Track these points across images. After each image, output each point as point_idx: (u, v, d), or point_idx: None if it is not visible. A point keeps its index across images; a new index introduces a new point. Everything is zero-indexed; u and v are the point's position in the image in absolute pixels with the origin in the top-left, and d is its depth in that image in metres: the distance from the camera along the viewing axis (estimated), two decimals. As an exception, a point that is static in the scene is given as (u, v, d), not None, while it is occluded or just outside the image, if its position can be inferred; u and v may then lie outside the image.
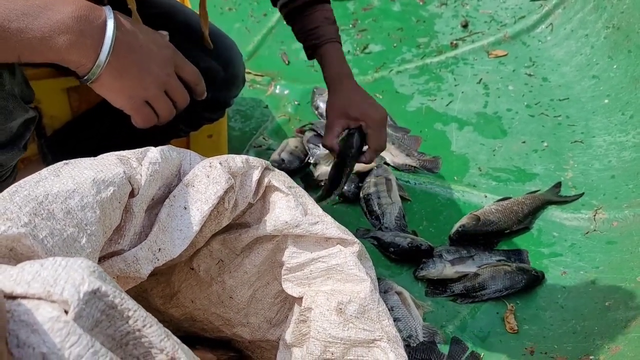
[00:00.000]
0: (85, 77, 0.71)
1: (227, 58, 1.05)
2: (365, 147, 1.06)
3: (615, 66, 1.65)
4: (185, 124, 1.08)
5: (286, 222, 0.76)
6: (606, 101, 1.59)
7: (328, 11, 1.07)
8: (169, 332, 0.54)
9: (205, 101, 0.88)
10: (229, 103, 1.13)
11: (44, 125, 1.02)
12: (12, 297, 0.47)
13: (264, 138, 1.57)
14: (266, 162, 0.79)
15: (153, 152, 0.70)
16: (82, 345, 0.45)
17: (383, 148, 1.06)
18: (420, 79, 1.75)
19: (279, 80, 1.72)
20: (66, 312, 0.47)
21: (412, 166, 1.47)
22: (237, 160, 0.75)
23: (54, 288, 0.47)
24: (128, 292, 0.64)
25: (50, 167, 0.63)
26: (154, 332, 0.52)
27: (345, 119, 1.04)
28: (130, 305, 0.52)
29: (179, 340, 0.55)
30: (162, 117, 0.80)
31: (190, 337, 0.94)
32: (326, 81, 1.07)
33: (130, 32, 0.72)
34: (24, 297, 0.47)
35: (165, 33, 0.82)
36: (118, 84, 0.73)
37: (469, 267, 1.20)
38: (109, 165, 0.66)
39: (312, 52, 1.08)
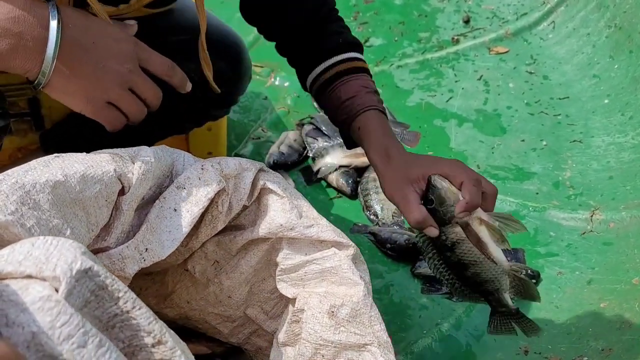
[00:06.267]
0: (35, 82, 0.65)
1: (234, 56, 1.03)
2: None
3: (616, 66, 1.64)
4: (189, 120, 1.06)
5: (281, 224, 0.76)
6: (606, 101, 1.59)
7: (366, 80, 0.86)
8: (157, 317, 0.54)
9: (211, 99, 0.86)
10: (235, 100, 1.11)
11: (42, 116, 1.01)
12: (0, 278, 0.47)
13: (262, 130, 1.57)
14: (260, 163, 0.79)
15: (146, 152, 0.70)
16: (72, 325, 0.45)
17: (478, 181, 0.73)
18: (420, 74, 1.75)
19: (279, 72, 1.71)
20: (57, 291, 0.46)
21: None
22: (230, 163, 0.75)
23: (46, 265, 0.47)
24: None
25: (40, 158, 0.63)
26: (143, 315, 0.53)
27: (411, 184, 0.76)
28: (120, 287, 0.52)
29: (166, 325, 0.55)
30: (132, 117, 0.73)
31: (184, 330, 0.94)
32: (370, 158, 0.81)
33: (81, 28, 0.66)
34: (14, 278, 0.47)
35: (132, 23, 0.75)
36: (72, 86, 0.67)
37: (466, 266, 1.21)
38: (100, 162, 0.66)
39: (347, 129, 0.86)
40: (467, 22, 1.91)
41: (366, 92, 0.85)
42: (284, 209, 0.76)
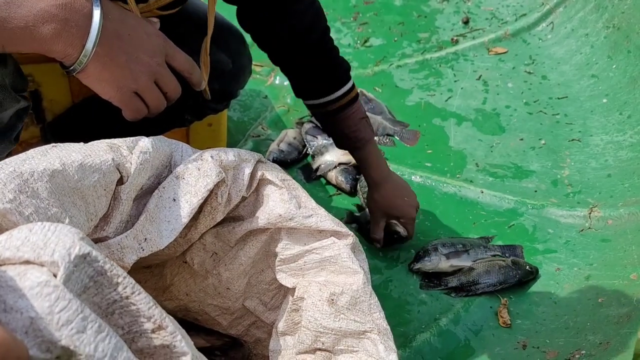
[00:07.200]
0: (71, 68, 0.68)
1: (236, 50, 1.04)
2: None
3: (614, 66, 1.65)
4: (190, 113, 1.07)
5: (280, 215, 0.76)
6: (604, 100, 1.60)
7: (360, 109, 1.09)
8: (156, 303, 0.54)
9: (212, 92, 0.87)
10: (235, 94, 1.12)
11: (43, 109, 1.02)
12: None
13: (262, 128, 1.58)
14: (259, 154, 0.79)
15: (144, 142, 0.70)
16: (71, 310, 0.44)
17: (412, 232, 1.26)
18: (420, 73, 1.76)
19: (279, 71, 1.70)
20: (55, 276, 0.46)
21: (388, 135, 1.53)
22: (229, 154, 0.75)
23: (44, 250, 0.47)
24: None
25: (38, 148, 0.63)
26: (143, 300, 0.52)
27: (388, 217, 1.22)
28: (119, 272, 0.52)
29: (165, 312, 0.55)
30: (152, 108, 0.77)
31: (183, 324, 0.94)
32: (367, 180, 1.18)
33: (119, 20, 0.69)
34: (11, 263, 0.46)
35: (156, 20, 0.79)
36: (106, 74, 0.70)
37: (464, 261, 1.21)
38: (98, 151, 0.65)
39: (350, 151, 1.14)
40: (466, 22, 1.92)
41: (363, 124, 1.09)
42: (282, 199, 0.77)
